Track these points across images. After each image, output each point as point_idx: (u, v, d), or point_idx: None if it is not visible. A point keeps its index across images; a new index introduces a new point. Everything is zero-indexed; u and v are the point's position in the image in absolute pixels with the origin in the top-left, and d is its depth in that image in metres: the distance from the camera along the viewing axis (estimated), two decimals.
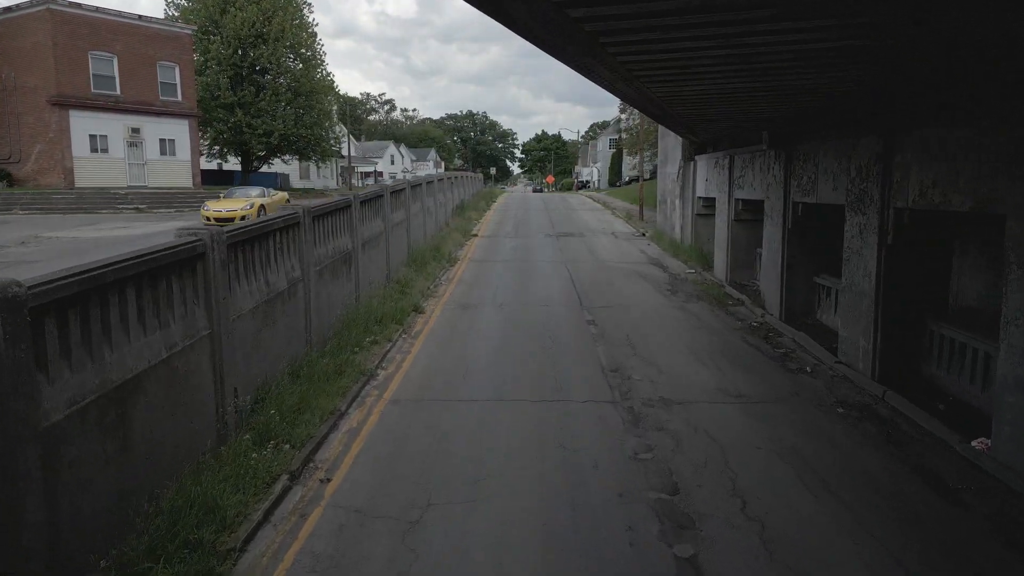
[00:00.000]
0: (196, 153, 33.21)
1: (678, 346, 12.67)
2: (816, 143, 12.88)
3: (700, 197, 22.57)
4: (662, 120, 14.72)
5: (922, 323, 10.50)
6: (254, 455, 6.73)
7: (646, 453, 7.97)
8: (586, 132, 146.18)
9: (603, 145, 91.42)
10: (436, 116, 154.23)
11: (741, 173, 17.67)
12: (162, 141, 31.67)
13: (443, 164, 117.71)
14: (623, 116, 51.16)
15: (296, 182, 57.41)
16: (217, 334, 7.18)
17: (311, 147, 45.03)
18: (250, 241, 8.35)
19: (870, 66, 7.90)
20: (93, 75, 29.01)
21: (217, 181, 46.63)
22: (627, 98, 10.95)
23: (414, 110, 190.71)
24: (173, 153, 32.14)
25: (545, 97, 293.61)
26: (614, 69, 7.56)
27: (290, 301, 9.66)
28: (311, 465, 7.46)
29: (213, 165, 51.98)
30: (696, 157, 22.81)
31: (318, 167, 53.60)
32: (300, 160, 46.16)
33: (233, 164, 47.65)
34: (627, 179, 77.78)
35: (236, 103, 39.28)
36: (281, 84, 40.75)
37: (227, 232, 7.56)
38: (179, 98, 32.04)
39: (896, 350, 10.45)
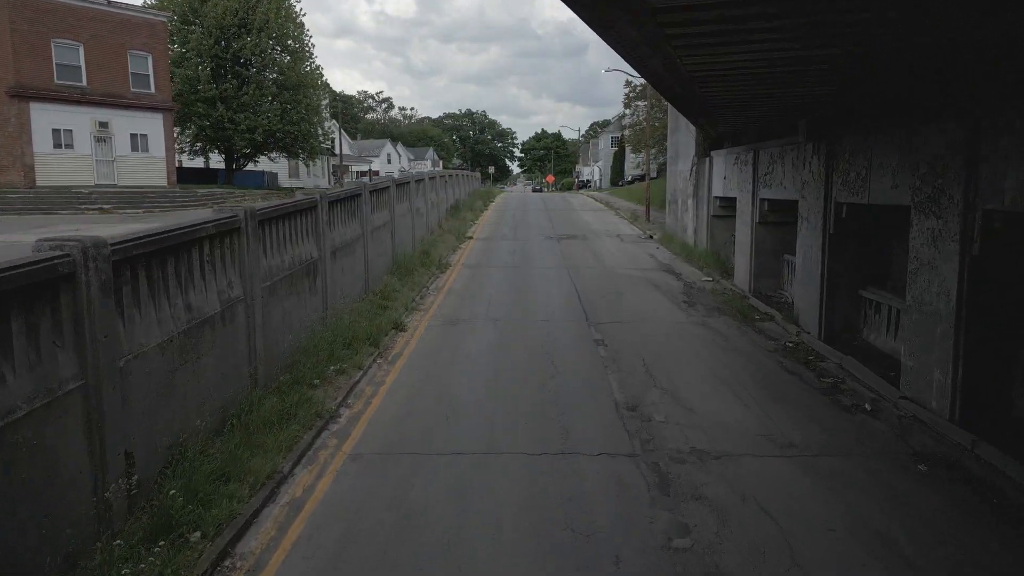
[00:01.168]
0: (171, 149, 31.26)
1: (704, 374, 10.72)
2: (868, 133, 10.94)
3: (717, 197, 20.63)
4: (684, 104, 12.78)
5: (1017, 355, 8.55)
6: (127, 571, 4.75)
7: (682, 538, 6.02)
8: (587, 131, 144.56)
9: (605, 143, 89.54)
10: (435, 116, 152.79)
11: (768, 170, 15.73)
12: (133, 136, 29.71)
13: (441, 163, 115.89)
14: (628, 112, 49.10)
15: (285, 181, 55.46)
16: (94, 385, 5.23)
17: (298, 144, 43.08)
18: (158, 255, 6.40)
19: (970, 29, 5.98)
20: (56, 65, 27.06)
21: (201, 180, 44.71)
22: (648, 71, 9.02)
23: (412, 109, 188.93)
24: (146, 149, 30.18)
25: (545, 97, 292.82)
26: (642, 24, 5.64)
27: (225, 328, 7.71)
28: (227, 564, 5.50)
29: (199, 163, 50.11)
30: (712, 153, 20.87)
31: (307, 165, 51.63)
32: (288, 158, 44.15)
33: (218, 162, 45.69)
34: (630, 178, 75.86)
35: (218, 97, 37.30)
36: (266, 77, 38.78)
37: (116, 244, 5.60)
38: (152, 90, 30.09)
39: (984, 386, 8.50)
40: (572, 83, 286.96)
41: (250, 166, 48.31)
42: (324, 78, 45.37)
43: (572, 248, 25.01)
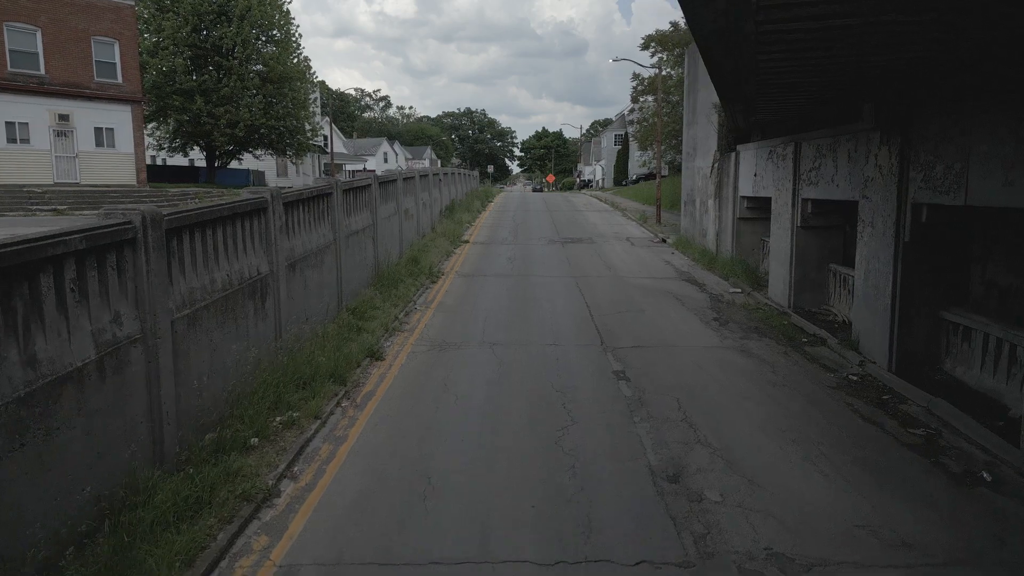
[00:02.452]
0: (141, 145, 28.94)
1: (759, 422, 8.47)
2: (968, 115, 8.69)
3: (744, 197, 18.39)
4: (729, 79, 10.53)
5: None
6: None
7: None
8: (587, 130, 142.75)
9: (608, 141, 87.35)
10: (434, 115, 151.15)
11: (814, 164, 13.49)
12: (98, 130, 27.40)
13: (439, 162, 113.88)
14: (635, 106, 46.65)
15: (273, 180, 53.18)
16: None
17: (284, 140, 40.81)
18: None
19: None
20: (10, 51, 24.76)
21: (179, 178, 42.45)
22: (696, 22, 6.76)
23: (411, 108, 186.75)
24: (112, 144, 27.89)
25: (545, 97, 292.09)
26: None
27: (105, 382, 5.46)
28: None
29: (183, 161, 47.85)
30: (739, 147, 18.63)
31: (294, 163, 49.35)
32: (274, 155, 41.84)
33: (203, 160, 43.40)
34: (634, 177, 73.66)
35: (196, 89, 35.00)
36: (248, 69, 36.49)
37: None
38: (119, 80, 27.80)
39: None
40: (572, 83, 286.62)
41: (235, 164, 46.08)
42: (313, 71, 43.13)
43: (579, 254, 22.76)
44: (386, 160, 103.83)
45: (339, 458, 7.29)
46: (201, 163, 42.67)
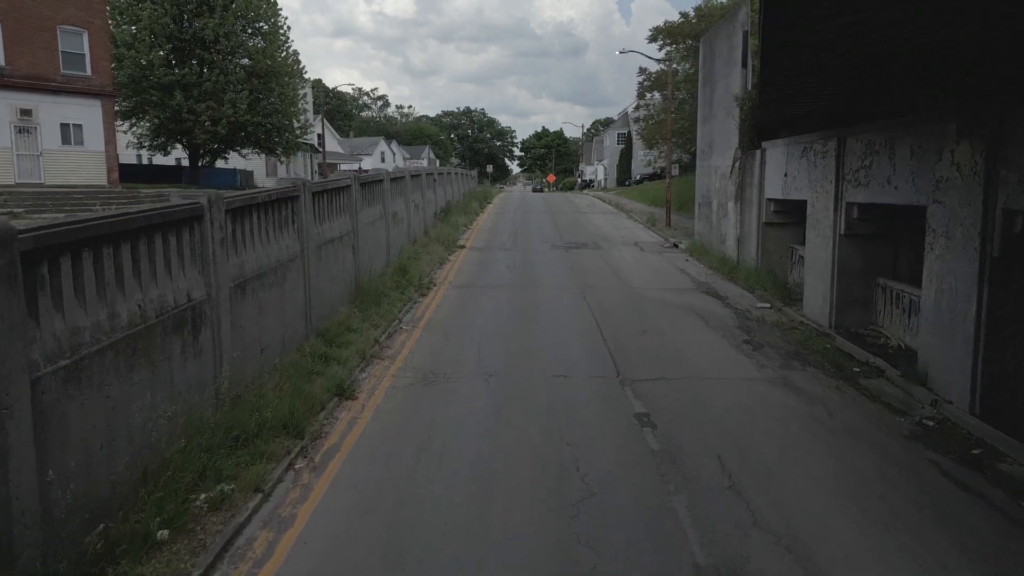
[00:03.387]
0: (112, 142, 27.08)
1: (829, 492, 6.65)
2: None
3: (772, 199, 16.58)
4: (782, 55, 8.69)
5: None
6: None
7: None
8: (588, 129, 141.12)
9: (610, 140, 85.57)
10: (433, 114, 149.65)
11: (863, 163, 11.67)
12: (64, 127, 25.52)
13: (438, 162, 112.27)
14: (641, 102, 44.70)
15: (263, 180, 51.33)
16: None
17: (272, 138, 38.95)
18: None
19: None
20: None
21: (159, 178, 40.57)
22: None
23: (410, 107, 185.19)
24: (80, 142, 26.02)
25: (544, 97, 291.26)
26: None
27: None
28: None
29: (168, 160, 46.00)
30: (765, 144, 16.83)
31: (283, 162, 47.55)
32: (263, 154, 39.93)
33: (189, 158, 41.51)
34: (638, 177, 71.87)
35: (176, 83, 33.13)
36: (232, 62, 34.63)
37: None
38: (88, 72, 25.95)
39: None
40: (571, 83, 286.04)
41: (221, 163, 44.24)
42: (302, 65, 41.27)
43: (584, 261, 20.94)
44: (383, 159, 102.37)
45: (279, 556, 5.46)
46: (188, 162, 40.78)
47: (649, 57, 35.49)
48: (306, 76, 42.63)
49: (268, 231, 9.33)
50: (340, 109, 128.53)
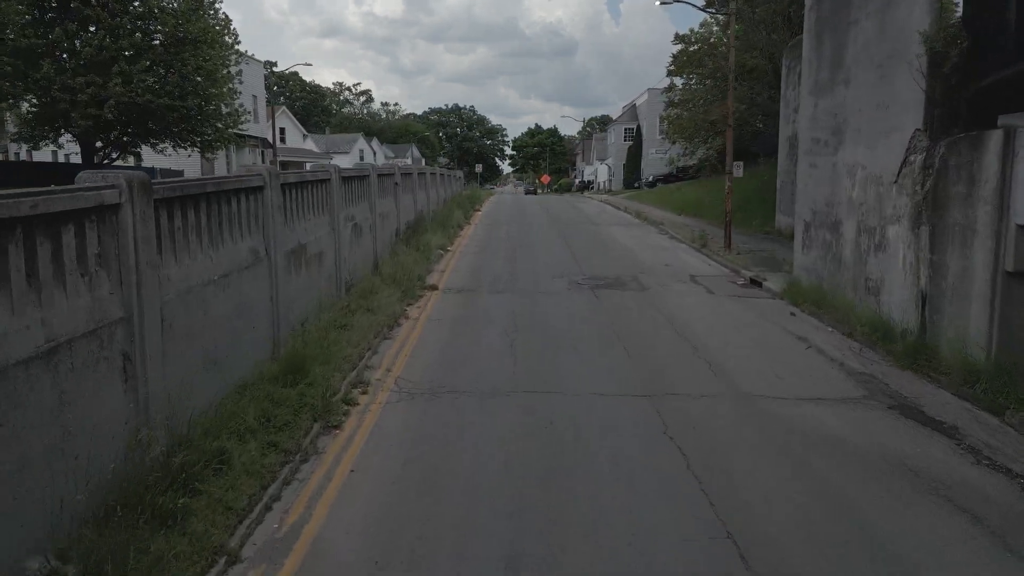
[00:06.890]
0: None
1: None
2: None
3: None
4: None
5: None
6: None
7: None
8: (583, 127, 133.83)
9: (615, 137, 77.50)
10: (421, 112, 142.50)
11: None
12: None
13: (423, 161, 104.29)
14: (676, 82, 35.78)
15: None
16: None
17: (193, 127, 30.52)
18: None
19: None
20: None
21: (38, 178, 31.79)
22: None
23: (395, 104, 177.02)
24: None
25: (534, 97, 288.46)
26: None
27: None
28: None
29: (46, 154, 37.44)
30: (1008, 121, 8.69)
31: (208, 158, 39.03)
32: (176, 147, 31.36)
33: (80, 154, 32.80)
34: (650, 178, 63.80)
35: (43, 49, 24.67)
36: (124, 24, 26.20)
37: None
38: None
39: None
40: (561, 83, 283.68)
41: (135, 161, 35.75)
42: (235, 36, 32.78)
43: (632, 319, 12.78)
44: (362, 157, 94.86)
45: None
46: (78, 158, 32.19)
47: (695, 6, 27.30)
48: (240, 49, 34.07)
49: None
50: (317, 103, 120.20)
